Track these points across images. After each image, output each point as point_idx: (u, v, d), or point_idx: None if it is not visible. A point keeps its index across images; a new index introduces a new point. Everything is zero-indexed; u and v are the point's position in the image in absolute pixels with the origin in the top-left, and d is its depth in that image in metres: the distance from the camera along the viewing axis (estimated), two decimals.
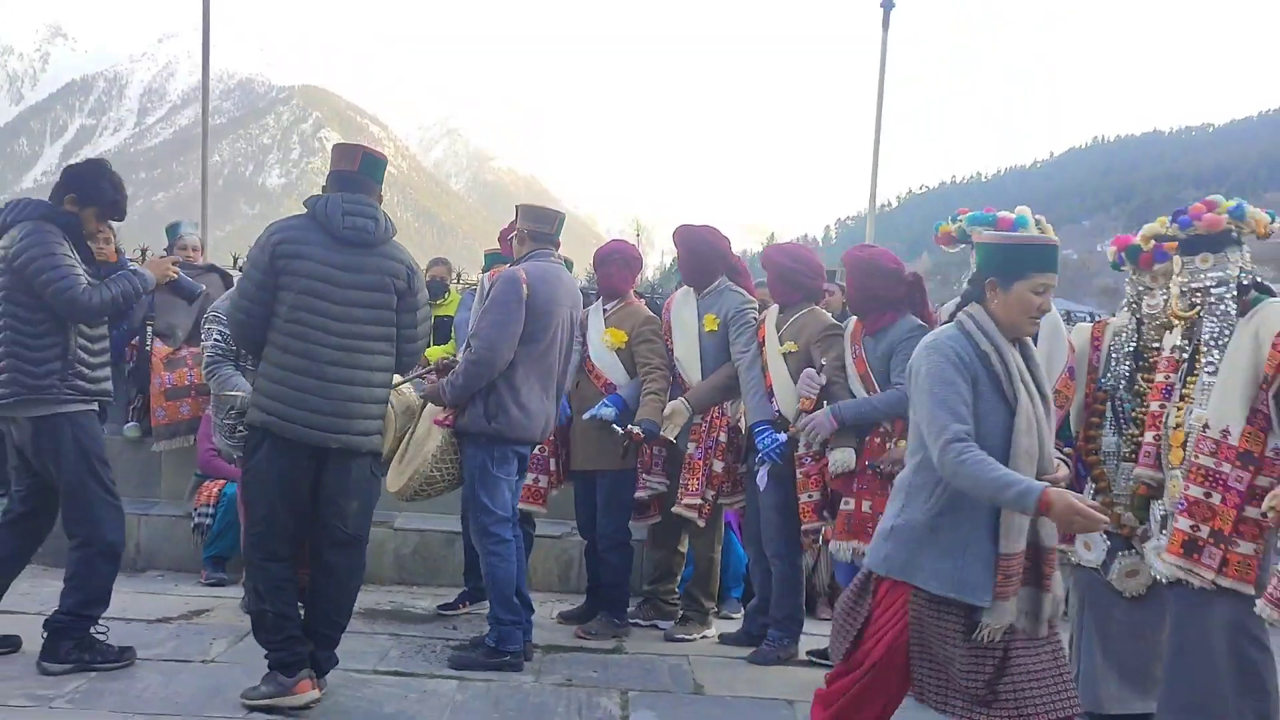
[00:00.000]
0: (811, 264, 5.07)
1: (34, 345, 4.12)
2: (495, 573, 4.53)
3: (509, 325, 4.45)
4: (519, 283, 4.50)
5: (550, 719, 4.01)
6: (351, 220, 3.86)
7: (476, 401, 4.48)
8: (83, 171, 4.36)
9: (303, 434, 3.80)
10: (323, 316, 3.81)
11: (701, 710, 4.26)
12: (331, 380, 3.82)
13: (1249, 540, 3.67)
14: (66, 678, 4.04)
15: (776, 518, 4.94)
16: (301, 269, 3.79)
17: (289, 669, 3.82)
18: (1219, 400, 3.87)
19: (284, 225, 3.94)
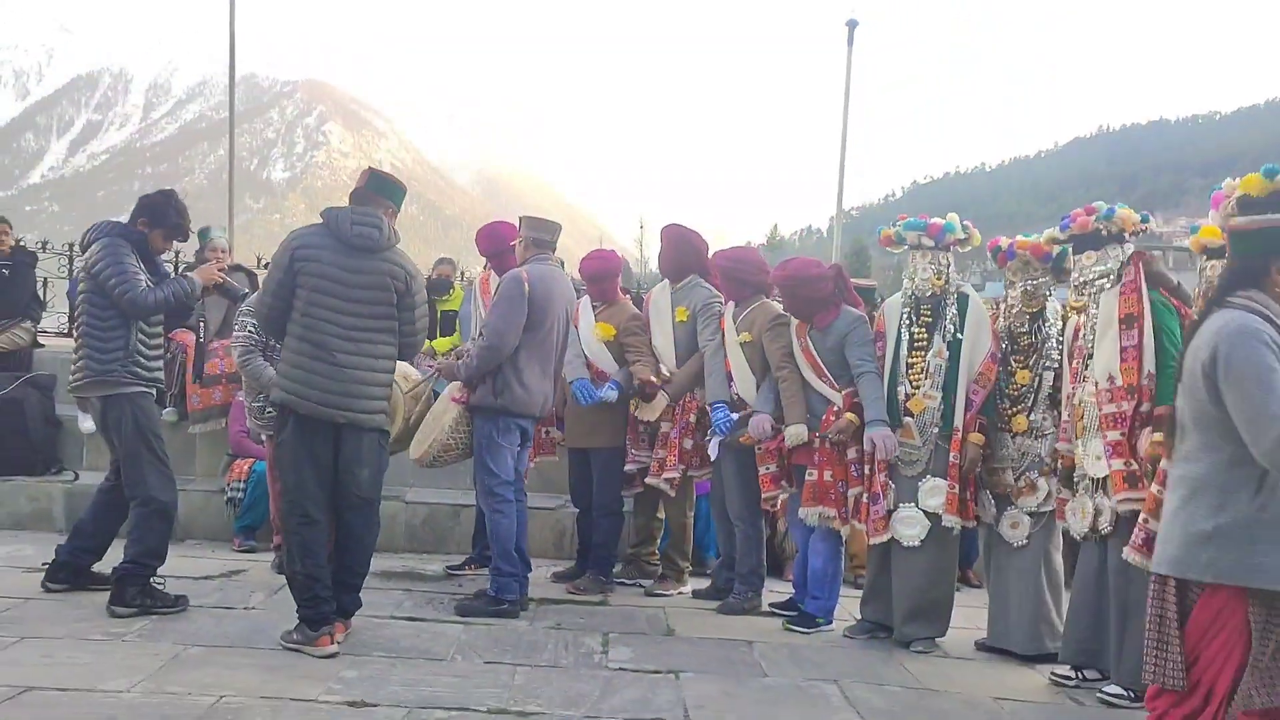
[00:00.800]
0: (753, 262, 5.80)
1: (104, 339, 4.99)
2: (498, 528, 5.27)
3: (515, 316, 5.21)
4: (522, 281, 5.26)
5: (541, 653, 4.72)
6: (358, 229, 4.57)
7: (486, 380, 5.24)
8: (154, 199, 5.25)
9: (316, 410, 4.52)
10: (332, 311, 4.52)
11: (671, 647, 4.97)
12: (340, 365, 4.53)
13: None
14: (134, 620, 4.80)
15: (737, 485, 5.68)
16: (315, 270, 4.51)
17: (314, 624, 4.51)
18: (1099, 356, 4.62)
19: (303, 233, 4.66)
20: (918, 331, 5.19)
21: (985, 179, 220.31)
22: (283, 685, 4.00)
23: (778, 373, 5.43)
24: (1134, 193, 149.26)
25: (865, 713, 4.17)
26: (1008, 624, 5.12)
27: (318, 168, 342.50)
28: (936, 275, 5.17)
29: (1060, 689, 4.71)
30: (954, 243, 5.25)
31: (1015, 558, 5.10)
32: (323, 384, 4.50)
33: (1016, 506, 5.08)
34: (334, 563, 4.68)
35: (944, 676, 4.78)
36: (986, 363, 5.16)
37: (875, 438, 5.10)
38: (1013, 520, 5.08)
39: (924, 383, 5.13)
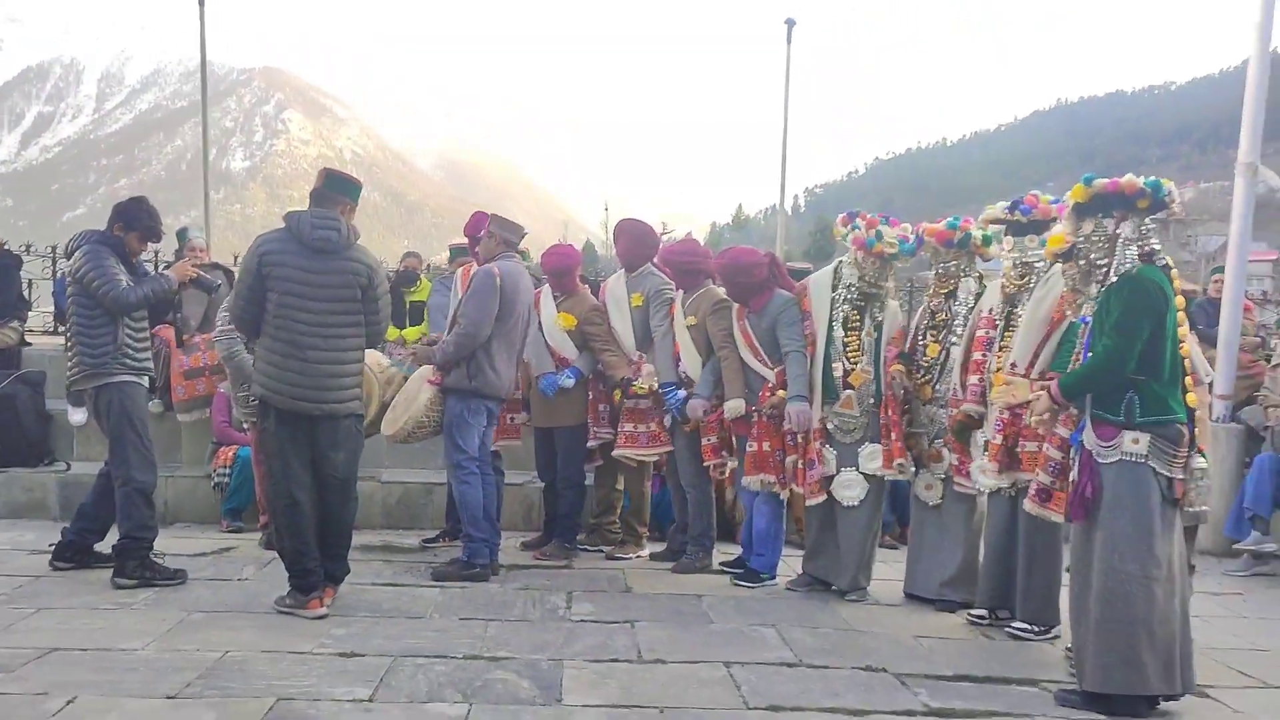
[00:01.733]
0: (698, 253, 6.35)
1: (93, 336, 5.44)
2: (465, 497, 5.79)
3: (489, 307, 5.73)
4: (495, 276, 5.78)
5: (510, 610, 5.23)
6: (319, 233, 4.98)
7: (461, 365, 5.74)
8: (127, 206, 5.72)
9: (293, 405, 4.97)
10: (301, 311, 4.94)
11: (629, 602, 5.51)
12: (312, 361, 4.97)
13: (1030, 440, 4.98)
14: (139, 590, 5.28)
15: (688, 455, 6.24)
16: (282, 274, 4.93)
17: (304, 590, 5.01)
18: (1019, 342, 5.18)
19: (268, 239, 5.06)
20: (851, 314, 5.75)
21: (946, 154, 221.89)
22: (280, 641, 4.50)
23: (719, 352, 5.99)
24: (1094, 164, 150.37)
25: (799, 651, 4.72)
26: (919, 573, 5.73)
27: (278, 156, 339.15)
28: (874, 272, 5.75)
29: (975, 627, 5.29)
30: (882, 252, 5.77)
31: (930, 514, 5.69)
32: (297, 379, 4.95)
33: (929, 470, 5.66)
34: (320, 534, 5.14)
35: (872, 619, 5.35)
36: (897, 332, 5.87)
37: (792, 412, 5.67)
38: (927, 483, 5.67)
39: (861, 359, 5.71)
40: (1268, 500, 7.11)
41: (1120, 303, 4.08)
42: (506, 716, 3.75)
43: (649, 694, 4.04)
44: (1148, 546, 4.06)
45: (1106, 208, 4.24)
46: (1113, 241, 4.24)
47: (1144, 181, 4.22)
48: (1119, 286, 4.13)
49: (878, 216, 5.86)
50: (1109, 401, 4.12)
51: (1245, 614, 5.94)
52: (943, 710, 4.02)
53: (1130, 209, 4.23)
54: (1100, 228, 4.27)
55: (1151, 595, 4.03)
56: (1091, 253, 4.30)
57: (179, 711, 3.67)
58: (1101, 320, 4.16)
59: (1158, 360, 4.08)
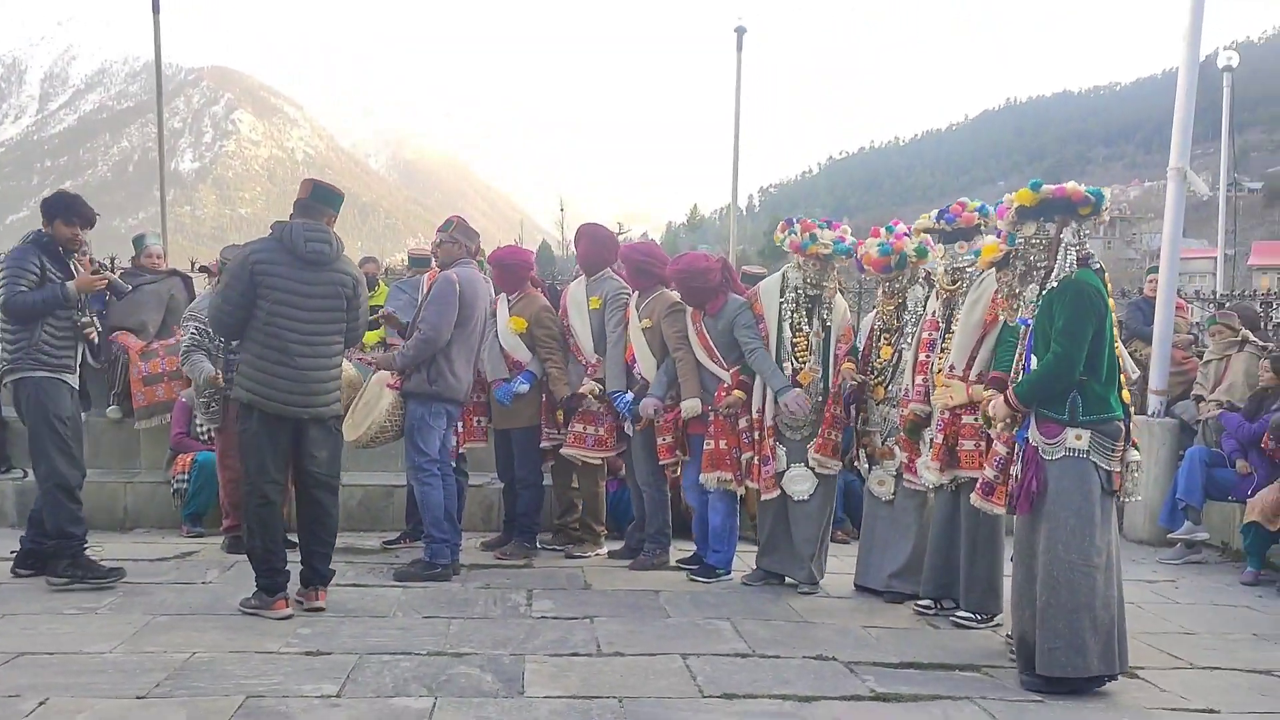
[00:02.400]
0: (658, 257, 6.52)
1: (12, 334, 5.53)
2: (427, 499, 5.92)
3: (448, 314, 5.87)
4: (454, 282, 5.92)
5: (472, 608, 5.36)
6: (312, 246, 5.11)
7: (421, 369, 5.87)
8: (46, 199, 5.80)
9: (281, 410, 5.10)
10: (292, 320, 5.08)
11: (588, 598, 5.67)
12: (300, 369, 5.12)
13: (969, 439, 5.20)
14: (104, 594, 5.35)
15: (644, 455, 6.42)
16: (275, 284, 5.05)
17: (271, 591, 5.11)
18: (956, 345, 5.40)
19: (259, 248, 5.15)
20: (798, 316, 5.96)
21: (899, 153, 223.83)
22: (247, 642, 4.60)
23: (674, 354, 6.18)
24: (1042, 163, 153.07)
25: (752, 642, 4.90)
26: (869, 565, 5.94)
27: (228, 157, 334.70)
28: (815, 273, 5.95)
29: (921, 617, 5.51)
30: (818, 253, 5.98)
31: (882, 509, 5.90)
32: (286, 386, 5.08)
33: (881, 467, 5.87)
34: (303, 537, 5.28)
35: (822, 611, 5.55)
36: (847, 328, 6.08)
37: (789, 401, 5.85)
38: (879, 479, 5.88)
39: (809, 358, 5.91)
40: (1199, 491, 7.41)
41: (1064, 309, 4.28)
42: (471, 709, 3.88)
43: (608, 685, 4.20)
44: (1089, 536, 4.29)
45: (1050, 212, 4.46)
46: (1054, 245, 4.46)
47: (1087, 189, 4.44)
48: (1061, 292, 4.34)
49: (816, 221, 6.08)
50: (1054, 401, 4.34)
51: (1177, 600, 6.21)
52: (889, 695, 4.22)
53: (1072, 215, 4.45)
54: (1042, 231, 4.50)
55: (1093, 582, 4.27)
56: (1031, 254, 4.53)
57: (150, 710, 3.76)
58: (1044, 325, 4.36)
59: (1098, 361, 4.31)
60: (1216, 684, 4.58)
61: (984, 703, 4.17)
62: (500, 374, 6.54)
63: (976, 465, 5.25)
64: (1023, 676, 4.45)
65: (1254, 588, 6.68)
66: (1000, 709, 4.12)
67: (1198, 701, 4.32)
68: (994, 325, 5.24)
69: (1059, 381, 4.29)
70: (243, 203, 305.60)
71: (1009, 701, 4.21)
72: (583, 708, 3.93)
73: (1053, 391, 4.33)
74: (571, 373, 6.57)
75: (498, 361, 6.55)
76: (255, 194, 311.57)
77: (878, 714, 4.03)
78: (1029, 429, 4.46)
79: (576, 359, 6.61)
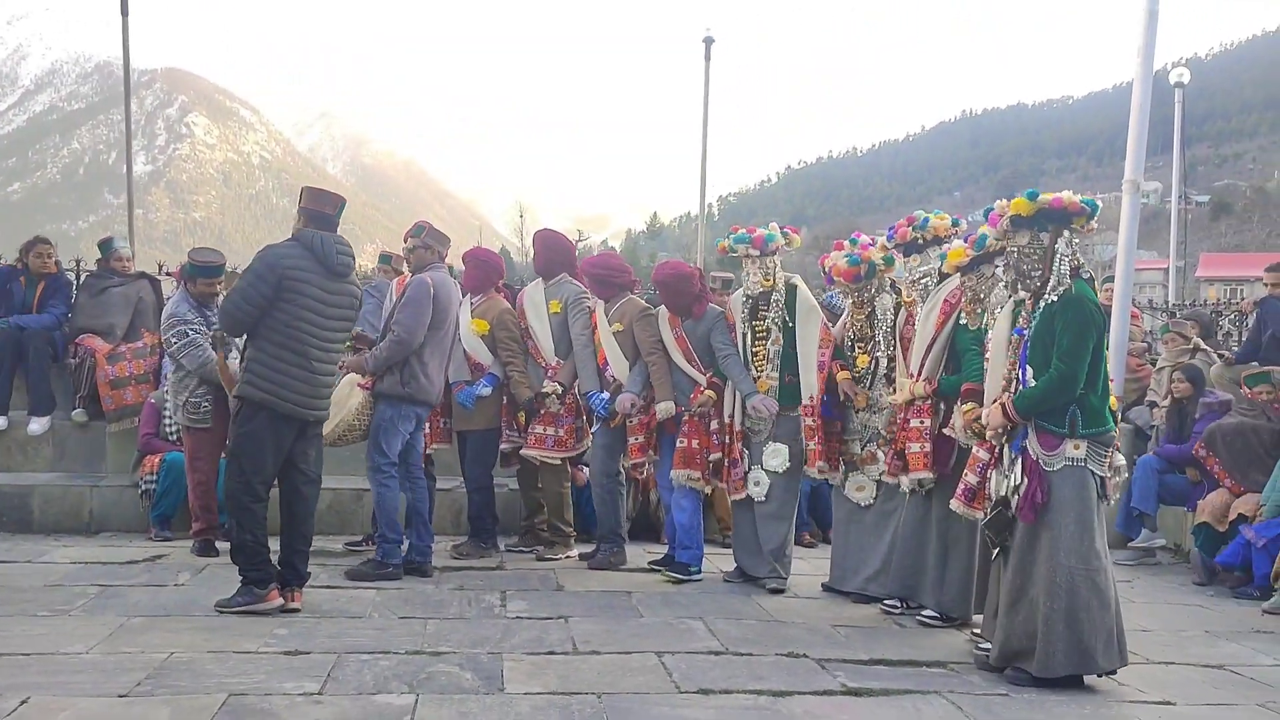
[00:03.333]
0: (619, 268, 6.67)
1: None
2: (383, 500, 5.99)
3: (422, 316, 5.93)
4: (428, 285, 5.98)
5: (447, 609, 5.41)
6: (342, 259, 5.29)
7: (394, 371, 5.92)
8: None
9: (294, 411, 5.20)
10: (315, 327, 5.21)
11: (561, 599, 5.73)
12: (315, 372, 5.26)
13: (915, 441, 5.37)
14: (76, 594, 5.33)
15: (601, 454, 6.55)
16: (303, 290, 5.16)
17: (262, 584, 5.17)
18: (915, 350, 5.57)
19: (289, 254, 5.21)
20: (757, 325, 6.11)
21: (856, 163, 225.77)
22: (224, 642, 4.61)
23: (648, 357, 6.30)
24: (997, 174, 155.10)
25: (725, 640, 5.00)
26: (844, 570, 6.07)
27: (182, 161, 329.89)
28: (765, 277, 6.10)
29: (889, 616, 5.64)
30: (777, 249, 6.14)
31: (859, 514, 6.02)
32: (301, 389, 5.20)
33: (862, 473, 6.00)
34: (285, 535, 5.35)
35: (792, 611, 5.67)
36: (823, 332, 6.11)
37: (757, 403, 6.01)
38: (858, 484, 6.01)
39: (765, 366, 6.05)
40: (1153, 498, 7.65)
41: (1068, 326, 4.37)
42: (453, 705, 3.93)
43: (586, 681, 4.27)
44: (1090, 541, 4.43)
45: (1044, 222, 4.51)
46: (1047, 254, 4.51)
47: (1082, 200, 4.50)
48: (1063, 308, 4.41)
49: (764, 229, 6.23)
50: (1054, 415, 4.44)
51: (1133, 599, 6.39)
52: (860, 689, 4.33)
53: (1066, 225, 4.51)
54: (1035, 240, 4.53)
55: (1095, 585, 4.41)
56: (1024, 264, 4.56)
57: (133, 709, 3.77)
58: (1044, 337, 4.44)
59: (1094, 375, 4.43)
60: (1172, 678, 4.75)
61: (952, 696, 4.30)
62: (462, 376, 6.61)
63: (923, 466, 5.42)
64: (1008, 672, 4.55)
65: (1205, 587, 6.89)
66: (968, 702, 4.24)
67: (1155, 694, 4.48)
68: (941, 333, 5.41)
69: (1060, 397, 4.39)
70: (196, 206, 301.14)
71: (975, 696, 4.34)
72: (563, 704, 3.99)
73: (1052, 406, 4.42)
74: (532, 375, 6.66)
75: (460, 364, 6.62)
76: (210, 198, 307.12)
77: (850, 708, 4.13)
78: (1026, 439, 4.53)
79: (536, 361, 6.71)
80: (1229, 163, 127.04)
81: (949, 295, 5.48)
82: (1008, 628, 4.56)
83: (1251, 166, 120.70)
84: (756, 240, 6.10)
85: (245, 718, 3.71)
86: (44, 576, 5.80)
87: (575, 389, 6.66)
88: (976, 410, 4.93)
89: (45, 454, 7.83)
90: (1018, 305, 4.70)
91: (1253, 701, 4.47)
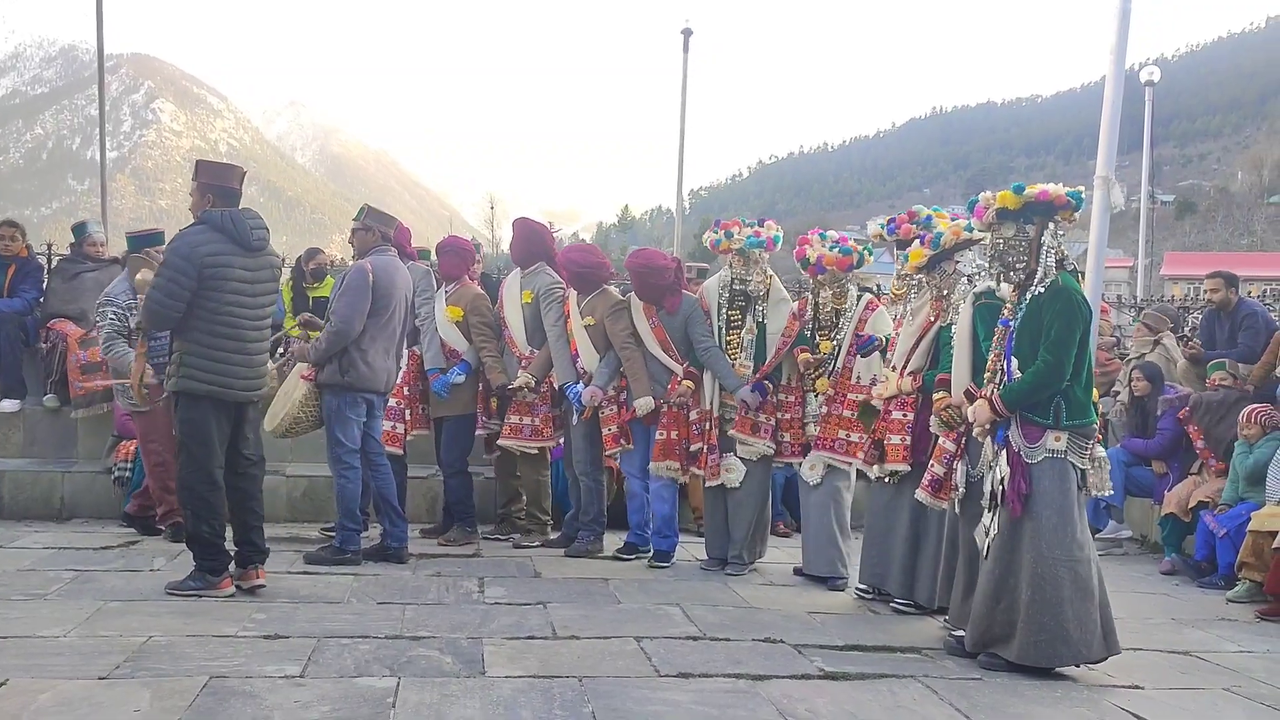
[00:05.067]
0: (596, 262, 6.65)
1: None
2: (344, 490, 5.99)
3: (360, 304, 5.86)
4: (366, 272, 5.91)
5: (425, 595, 5.42)
6: (258, 233, 5.21)
7: (334, 360, 5.88)
8: None
9: (238, 396, 5.17)
10: (244, 309, 5.16)
11: (539, 585, 5.76)
12: (252, 354, 5.23)
13: (896, 433, 5.44)
14: (50, 579, 5.30)
15: (584, 444, 6.59)
16: (227, 275, 5.08)
17: (216, 572, 5.16)
18: (899, 345, 5.62)
19: (203, 240, 5.09)
20: (733, 314, 6.18)
21: (827, 159, 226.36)
22: (203, 626, 4.60)
23: (621, 351, 6.34)
24: (966, 171, 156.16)
25: (702, 626, 5.04)
26: (808, 552, 6.15)
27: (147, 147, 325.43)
28: (741, 269, 6.16)
29: (862, 602, 5.72)
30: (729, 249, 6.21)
31: (812, 494, 6.12)
32: (241, 374, 5.17)
33: (816, 453, 6.08)
34: (237, 517, 5.33)
35: (767, 598, 5.73)
36: (789, 321, 6.23)
37: (744, 396, 6.07)
38: (810, 464, 6.09)
39: (739, 355, 6.11)
40: (1119, 490, 7.76)
41: (1057, 319, 4.42)
42: (435, 688, 3.95)
43: (567, 665, 4.30)
44: (1071, 533, 4.48)
45: (1031, 214, 4.56)
46: (1033, 247, 4.55)
47: (1068, 192, 4.55)
48: (1050, 300, 4.46)
49: (744, 220, 6.35)
50: (1038, 406, 4.49)
51: None
52: (837, 674, 4.39)
53: (1051, 217, 4.55)
54: (1021, 233, 4.57)
55: (1077, 575, 4.47)
56: (1010, 256, 4.59)
57: (113, 690, 3.76)
58: (1031, 329, 4.48)
59: (1079, 367, 4.48)
60: (1140, 663, 4.84)
61: (927, 680, 4.37)
62: (438, 364, 6.61)
63: (902, 459, 5.49)
64: (982, 658, 4.61)
65: (1171, 576, 7.03)
66: (942, 686, 4.31)
67: (1123, 679, 4.57)
68: (929, 330, 5.49)
69: (1046, 389, 4.44)
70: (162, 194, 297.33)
71: (950, 680, 4.41)
72: (544, 687, 4.02)
73: (1039, 398, 4.47)
74: (507, 364, 6.68)
75: (435, 352, 6.62)
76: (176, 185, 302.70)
77: (827, 691, 4.19)
78: (1009, 429, 4.58)
79: (510, 350, 6.72)
80: (1193, 163, 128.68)
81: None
82: (988, 617, 4.61)
83: (1216, 167, 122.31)
84: (769, 244, 6.19)
85: (227, 700, 3.71)
86: (16, 561, 5.76)
87: (552, 378, 6.68)
88: (946, 398, 4.99)
89: (15, 440, 7.76)
90: (976, 297, 4.77)
91: (1218, 686, 4.57)
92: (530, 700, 3.86)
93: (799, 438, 6.17)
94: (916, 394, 5.47)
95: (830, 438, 6.00)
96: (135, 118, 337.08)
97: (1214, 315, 8.45)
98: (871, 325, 5.97)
